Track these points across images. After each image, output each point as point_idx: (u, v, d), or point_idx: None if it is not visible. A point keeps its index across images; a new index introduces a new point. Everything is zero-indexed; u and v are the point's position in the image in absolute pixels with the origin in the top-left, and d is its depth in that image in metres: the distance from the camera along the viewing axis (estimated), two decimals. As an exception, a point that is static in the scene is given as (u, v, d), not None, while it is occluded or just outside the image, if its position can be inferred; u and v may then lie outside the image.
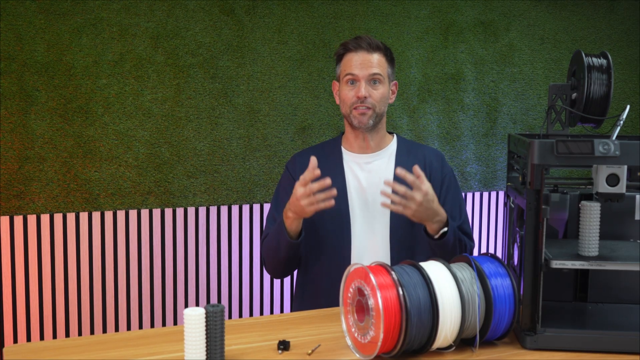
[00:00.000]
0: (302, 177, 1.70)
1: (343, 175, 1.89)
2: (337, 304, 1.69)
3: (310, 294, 1.91)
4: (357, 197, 1.87)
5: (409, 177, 1.68)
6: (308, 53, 2.80)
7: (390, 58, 1.89)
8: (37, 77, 2.42)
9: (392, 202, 1.71)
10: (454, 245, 1.79)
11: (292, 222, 1.77)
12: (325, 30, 2.82)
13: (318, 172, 1.69)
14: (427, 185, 1.68)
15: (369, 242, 1.85)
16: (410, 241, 1.84)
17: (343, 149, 1.94)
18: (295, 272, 1.99)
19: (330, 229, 1.86)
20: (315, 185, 1.69)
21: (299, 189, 1.69)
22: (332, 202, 1.72)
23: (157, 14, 2.57)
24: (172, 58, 2.60)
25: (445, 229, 1.76)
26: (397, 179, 1.80)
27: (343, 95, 1.87)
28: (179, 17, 2.60)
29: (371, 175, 1.89)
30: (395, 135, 1.98)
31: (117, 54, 2.52)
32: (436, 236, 1.77)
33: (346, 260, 1.84)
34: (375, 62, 1.83)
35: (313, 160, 1.70)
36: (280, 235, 1.79)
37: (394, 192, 1.70)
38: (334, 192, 1.70)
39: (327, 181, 1.69)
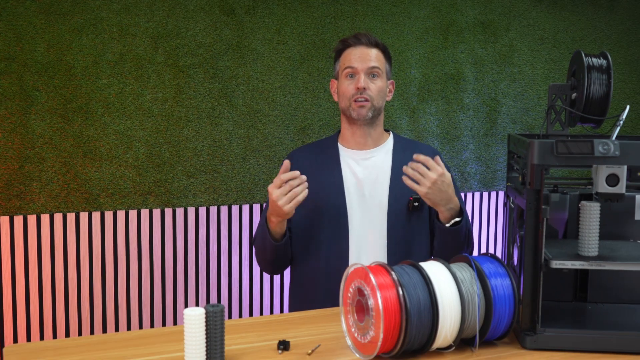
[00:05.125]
0: (275, 180, 1.69)
1: (340, 171, 1.89)
2: (334, 301, 1.69)
3: (307, 290, 1.90)
4: (355, 192, 1.87)
5: (426, 160, 1.68)
6: (308, 53, 2.80)
7: (387, 56, 1.91)
8: (37, 77, 2.42)
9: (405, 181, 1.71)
10: (465, 237, 1.78)
11: (275, 225, 1.78)
12: (325, 30, 2.82)
13: (297, 173, 1.68)
14: (444, 170, 1.68)
15: (367, 237, 1.85)
16: (407, 236, 1.84)
17: (340, 145, 1.94)
18: (289, 269, 1.99)
19: (327, 224, 1.86)
20: (287, 176, 1.67)
21: (273, 192, 1.69)
22: (306, 191, 1.70)
23: (157, 14, 2.56)
24: (172, 58, 2.60)
25: (458, 219, 1.76)
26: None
27: (342, 89, 1.87)
28: (179, 17, 2.60)
29: (368, 170, 1.89)
30: (391, 133, 1.99)
31: (117, 54, 2.52)
32: (447, 224, 1.76)
33: (344, 255, 1.84)
34: (374, 56, 1.86)
35: (286, 164, 1.69)
36: (265, 238, 1.81)
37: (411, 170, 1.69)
38: (304, 177, 1.69)
39: (297, 172, 1.68)
